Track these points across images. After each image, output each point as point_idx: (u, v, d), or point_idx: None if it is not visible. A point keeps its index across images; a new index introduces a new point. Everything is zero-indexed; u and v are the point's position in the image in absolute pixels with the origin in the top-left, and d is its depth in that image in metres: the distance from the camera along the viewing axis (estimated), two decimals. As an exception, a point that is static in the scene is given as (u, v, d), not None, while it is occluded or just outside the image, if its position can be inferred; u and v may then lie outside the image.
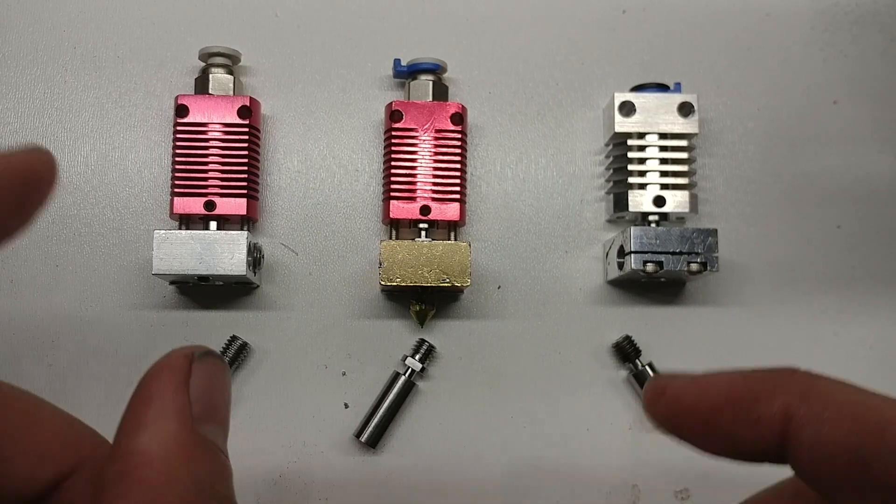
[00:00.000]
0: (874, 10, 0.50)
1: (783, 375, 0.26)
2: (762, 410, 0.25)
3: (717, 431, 0.27)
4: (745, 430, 0.26)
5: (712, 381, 0.27)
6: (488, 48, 0.48)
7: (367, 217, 0.46)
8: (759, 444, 0.26)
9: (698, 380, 0.27)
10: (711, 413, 0.26)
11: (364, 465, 0.44)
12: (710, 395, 0.27)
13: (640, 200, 0.44)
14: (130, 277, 0.44)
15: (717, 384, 0.27)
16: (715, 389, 0.26)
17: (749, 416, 0.26)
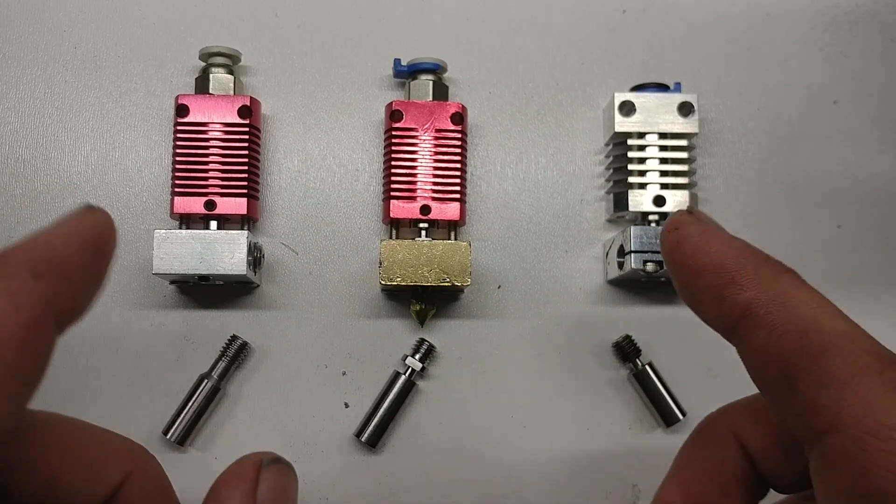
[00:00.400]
0: (874, 10, 0.50)
1: (769, 272, 0.27)
2: (730, 294, 0.27)
3: (691, 288, 0.28)
4: (711, 302, 0.27)
5: (714, 243, 0.28)
6: (488, 48, 0.48)
7: (367, 217, 0.46)
8: (716, 319, 0.27)
9: (706, 234, 0.29)
10: (695, 271, 0.28)
11: (364, 465, 0.44)
12: (703, 255, 0.28)
13: (640, 200, 0.44)
14: (130, 277, 0.44)
15: (715, 248, 0.28)
16: (710, 252, 0.28)
17: (719, 293, 0.27)
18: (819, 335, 0.25)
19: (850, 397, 0.23)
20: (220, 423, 0.44)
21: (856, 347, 0.24)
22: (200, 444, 0.43)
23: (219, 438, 0.44)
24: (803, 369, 0.24)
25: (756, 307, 0.26)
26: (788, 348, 0.25)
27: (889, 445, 0.22)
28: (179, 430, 0.42)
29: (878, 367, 0.23)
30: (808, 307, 0.26)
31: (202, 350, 0.44)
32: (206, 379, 0.43)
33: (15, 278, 0.24)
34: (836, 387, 0.23)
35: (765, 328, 0.26)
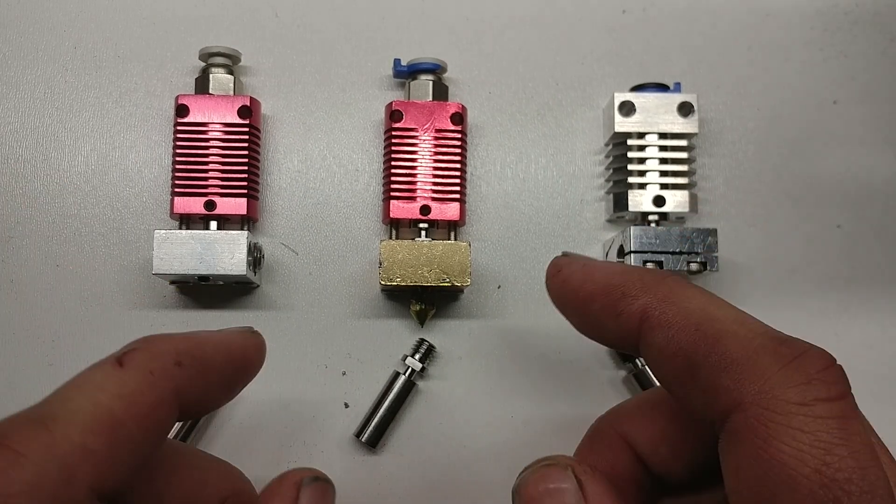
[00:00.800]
0: (874, 10, 0.50)
1: (653, 278, 0.28)
2: (625, 307, 0.28)
3: (588, 317, 0.30)
4: (610, 320, 0.29)
5: (597, 271, 0.29)
6: (488, 48, 0.48)
7: (367, 217, 0.46)
8: (619, 335, 0.28)
9: (587, 266, 0.30)
10: (587, 299, 0.29)
11: (364, 465, 0.44)
12: (590, 283, 0.29)
13: (639, 200, 0.44)
14: (130, 277, 0.44)
15: (599, 274, 0.29)
16: (596, 278, 0.29)
17: (614, 309, 0.28)
18: (712, 324, 0.26)
19: (749, 376, 0.24)
20: (221, 424, 0.44)
21: (748, 331, 0.25)
22: (200, 444, 0.43)
23: (219, 438, 0.44)
24: (703, 357, 0.25)
25: (650, 310, 0.27)
26: (686, 341, 0.26)
27: (788, 419, 0.23)
28: (180, 430, 0.42)
29: (771, 346, 0.24)
30: (697, 301, 0.27)
31: (202, 350, 0.44)
32: (206, 379, 0.43)
33: (159, 360, 0.26)
34: (734, 368, 0.24)
35: (662, 327, 0.27)
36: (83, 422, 0.24)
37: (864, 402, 0.30)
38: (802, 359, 0.24)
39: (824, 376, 0.23)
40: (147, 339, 0.28)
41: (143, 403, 0.25)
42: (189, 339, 0.28)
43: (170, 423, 0.27)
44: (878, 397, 0.46)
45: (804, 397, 0.23)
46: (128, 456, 0.25)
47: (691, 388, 0.26)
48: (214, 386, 0.30)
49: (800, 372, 0.23)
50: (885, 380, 0.46)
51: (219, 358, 0.29)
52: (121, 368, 0.25)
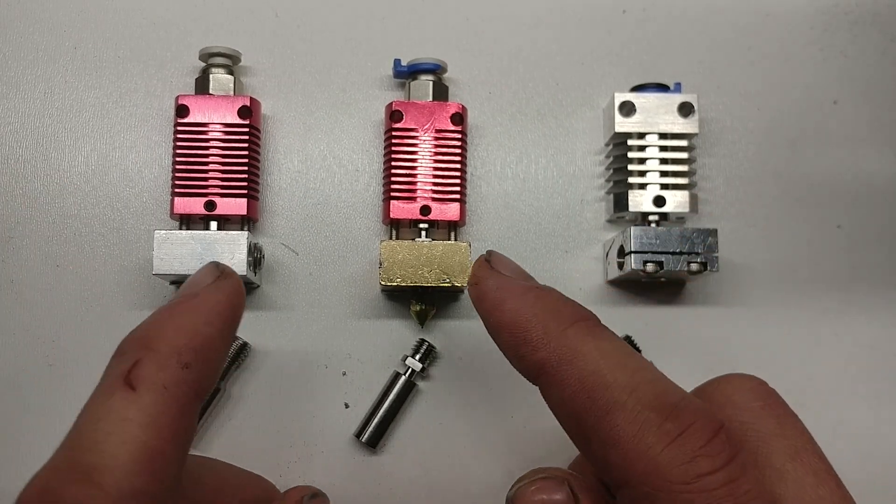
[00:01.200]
0: (874, 10, 0.50)
1: (557, 328, 0.28)
2: (526, 353, 0.28)
3: (496, 341, 0.30)
4: (512, 358, 0.29)
5: (508, 300, 0.30)
6: (488, 48, 0.48)
7: (367, 217, 0.46)
8: (521, 372, 0.29)
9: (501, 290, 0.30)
10: (496, 328, 0.30)
11: (364, 465, 0.44)
12: (499, 313, 0.30)
13: (640, 200, 0.44)
14: (130, 277, 0.44)
15: (509, 305, 0.29)
16: (505, 309, 0.29)
17: (516, 351, 0.29)
18: (603, 392, 0.26)
19: (635, 456, 0.24)
20: (221, 423, 0.44)
21: (636, 402, 0.25)
22: (200, 444, 0.43)
23: (219, 438, 0.44)
24: (592, 428, 0.26)
25: (547, 366, 0.27)
26: (579, 407, 0.26)
27: (673, 498, 0.23)
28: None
29: (657, 421, 0.24)
30: (592, 362, 0.27)
31: (202, 350, 0.44)
32: (206, 379, 0.43)
33: (167, 369, 0.26)
34: (621, 446, 0.25)
35: (557, 387, 0.27)
36: (125, 465, 0.24)
37: (865, 401, 0.31)
38: (687, 435, 0.24)
39: (708, 450, 0.24)
40: (143, 342, 0.27)
41: (170, 423, 0.26)
42: (181, 329, 0.28)
43: (195, 421, 0.28)
44: (879, 397, 0.46)
45: (687, 476, 0.23)
46: (172, 476, 0.26)
47: (586, 453, 0.27)
48: (219, 361, 0.29)
49: (683, 451, 0.24)
50: (886, 380, 0.46)
51: (216, 334, 0.29)
52: (134, 392, 0.25)
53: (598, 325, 0.29)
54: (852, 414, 0.46)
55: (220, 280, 0.30)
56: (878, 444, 0.46)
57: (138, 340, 0.27)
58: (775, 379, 0.45)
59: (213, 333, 0.28)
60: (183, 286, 0.30)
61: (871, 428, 0.46)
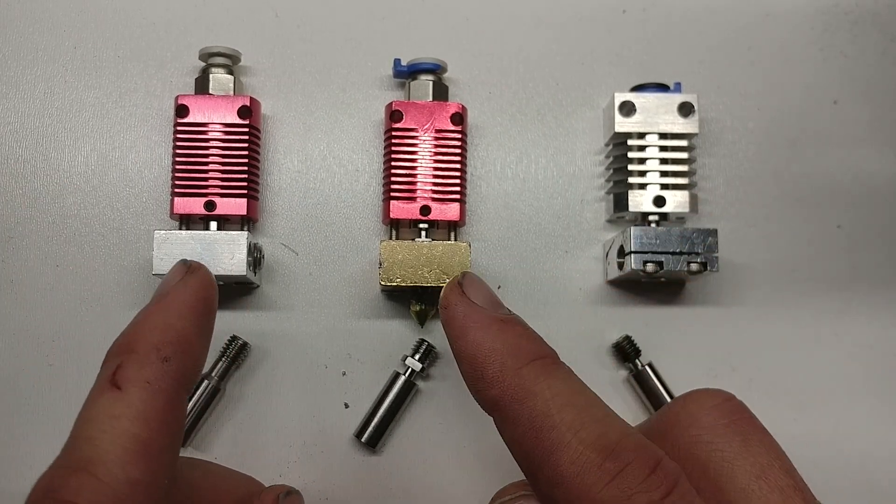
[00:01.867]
0: (874, 10, 0.50)
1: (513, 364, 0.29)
2: (481, 388, 0.29)
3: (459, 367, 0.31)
4: (470, 388, 0.30)
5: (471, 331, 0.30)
6: (488, 48, 0.48)
7: (367, 217, 0.46)
8: (477, 402, 0.30)
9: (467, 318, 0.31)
10: (458, 355, 0.31)
11: (364, 465, 0.44)
12: (461, 342, 0.31)
13: (640, 200, 0.44)
14: (130, 277, 0.44)
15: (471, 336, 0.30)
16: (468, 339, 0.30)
17: (473, 384, 0.30)
18: (550, 432, 0.27)
19: (577, 495, 0.25)
20: (220, 423, 0.44)
21: (579, 442, 0.26)
22: (200, 445, 0.43)
23: (219, 438, 0.44)
24: (538, 467, 0.27)
25: (501, 404, 0.28)
26: (528, 446, 0.27)
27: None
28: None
29: (598, 461, 0.25)
30: (542, 402, 0.27)
31: (202, 350, 0.44)
32: (206, 379, 0.43)
33: (148, 366, 0.28)
34: (564, 485, 0.26)
35: (509, 424, 0.28)
36: (118, 456, 0.25)
37: (865, 401, 0.31)
38: (625, 473, 0.25)
39: (646, 486, 0.25)
40: (123, 347, 0.29)
41: (158, 414, 0.27)
42: (156, 325, 0.29)
43: (184, 410, 0.29)
44: (879, 397, 0.46)
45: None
46: (166, 465, 0.27)
47: (535, 489, 0.28)
48: (199, 350, 0.31)
49: (621, 489, 0.25)
50: (886, 380, 0.46)
51: (190, 325, 0.30)
52: (120, 391, 0.27)
53: (554, 363, 0.29)
54: (852, 414, 0.46)
55: (188, 276, 0.32)
56: (878, 444, 0.46)
57: (119, 346, 0.29)
58: (775, 379, 0.46)
59: (186, 326, 0.30)
60: (156, 290, 0.32)
61: (871, 428, 0.46)
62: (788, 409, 0.32)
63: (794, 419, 0.45)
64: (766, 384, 0.46)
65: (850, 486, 0.45)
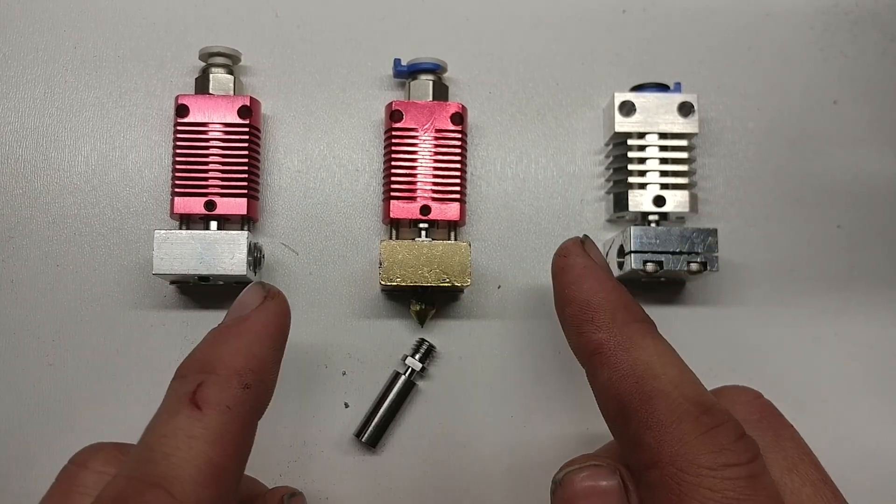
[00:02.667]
0: (874, 10, 0.50)
1: (623, 319, 0.31)
2: (587, 331, 0.31)
3: (561, 313, 0.33)
4: (571, 331, 0.32)
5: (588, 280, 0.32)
6: (488, 48, 0.48)
7: (367, 217, 0.46)
8: (574, 347, 0.32)
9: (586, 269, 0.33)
10: (568, 300, 0.32)
11: (364, 465, 0.44)
12: (575, 288, 0.32)
13: (640, 200, 0.44)
14: (130, 277, 0.44)
15: (587, 285, 0.32)
16: (582, 288, 0.32)
17: (579, 326, 0.31)
18: (651, 380, 0.28)
19: (669, 438, 0.27)
20: (221, 423, 0.44)
21: (679, 394, 0.28)
22: (200, 444, 0.43)
23: (219, 438, 0.44)
24: (634, 410, 0.28)
25: (605, 347, 0.30)
26: (625, 389, 0.28)
27: (699, 480, 0.26)
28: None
29: (695, 412, 0.27)
30: (647, 353, 0.29)
31: (202, 350, 0.44)
32: (206, 379, 0.43)
33: (229, 390, 0.28)
34: (658, 428, 0.27)
35: (609, 367, 0.29)
36: (193, 477, 0.26)
37: (865, 401, 0.31)
38: (719, 430, 0.27)
39: (735, 447, 0.26)
40: (203, 365, 0.29)
41: (234, 441, 0.28)
42: (239, 352, 0.30)
43: (253, 439, 0.30)
44: (879, 397, 0.46)
45: (714, 462, 0.26)
46: (233, 490, 0.28)
47: (620, 433, 0.29)
48: (274, 377, 0.32)
49: (714, 441, 0.26)
50: (886, 380, 0.46)
51: (269, 353, 0.31)
52: (200, 412, 0.27)
53: (656, 330, 0.31)
54: (852, 414, 0.46)
55: (268, 301, 0.32)
56: (878, 444, 0.46)
57: (198, 363, 0.30)
58: (775, 379, 0.46)
59: (266, 354, 0.31)
60: (232, 308, 0.32)
61: (871, 428, 0.46)
62: (788, 409, 0.32)
63: (794, 419, 0.45)
64: (765, 384, 0.45)
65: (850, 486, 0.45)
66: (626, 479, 0.29)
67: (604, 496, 0.29)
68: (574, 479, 0.29)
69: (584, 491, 0.29)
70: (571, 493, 0.29)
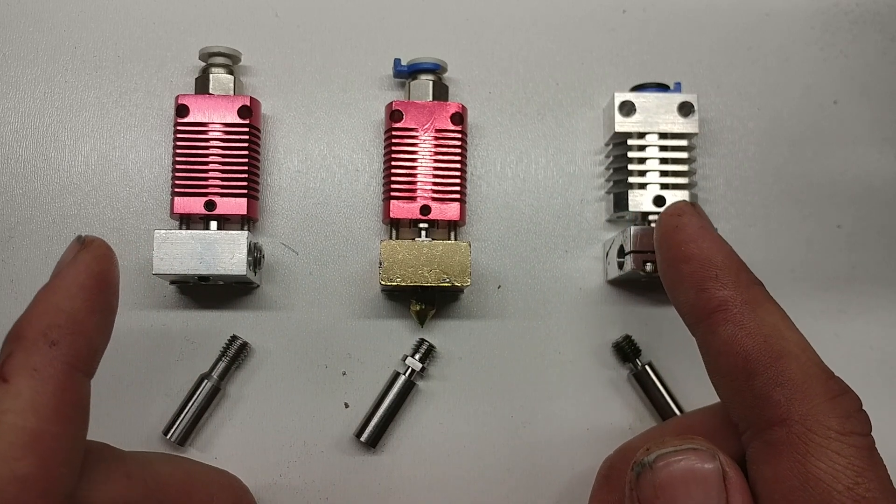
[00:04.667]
0: (874, 10, 0.50)
1: (747, 279, 0.31)
2: (710, 286, 0.30)
3: (676, 270, 0.32)
4: (691, 287, 0.31)
5: (707, 240, 0.32)
6: (488, 48, 0.48)
7: (367, 217, 0.46)
8: (691, 304, 0.31)
9: (703, 230, 0.32)
10: (684, 257, 0.31)
11: (364, 465, 0.44)
12: (695, 246, 0.32)
13: (640, 200, 0.44)
14: (130, 277, 0.44)
15: (707, 244, 0.32)
16: (702, 246, 0.31)
17: (701, 283, 0.31)
18: (779, 341, 0.29)
19: (800, 397, 0.27)
20: (220, 423, 0.44)
21: (807, 358, 0.29)
22: (200, 445, 0.43)
23: (219, 438, 0.44)
24: (763, 367, 0.28)
25: (731, 304, 0.30)
26: (751, 346, 0.29)
27: (828, 442, 0.26)
28: (179, 430, 0.42)
29: (824, 377, 0.29)
30: (773, 316, 0.30)
31: (202, 350, 0.44)
32: (206, 379, 0.43)
33: (34, 352, 0.27)
34: (789, 386, 0.28)
35: (734, 324, 0.29)
36: (4, 452, 0.25)
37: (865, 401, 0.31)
38: (845, 397, 0.28)
39: (859, 416, 0.28)
40: (14, 335, 0.28)
41: (48, 401, 0.26)
42: (44, 309, 0.28)
43: (81, 393, 0.28)
44: (879, 397, 0.46)
45: (844, 427, 0.27)
46: (64, 454, 0.26)
47: (741, 390, 0.29)
48: (94, 329, 0.29)
49: (843, 406, 0.27)
50: (886, 379, 0.46)
51: (80, 304, 0.29)
52: (7, 384, 0.26)
53: (771, 296, 0.31)
54: (852, 414, 0.46)
55: (80, 252, 0.30)
56: (878, 444, 0.45)
57: (10, 335, 0.28)
58: (775, 379, 0.46)
59: (77, 306, 0.28)
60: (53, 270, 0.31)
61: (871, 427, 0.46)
62: (788, 409, 0.32)
63: (794, 419, 0.45)
64: (766, 384, 0.46)
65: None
66: (724, 464, 0.27)
67: (704, 484, 0.26)
68: (670, 462, 0.27)
69: (682, 476, 0.27)
70: (667, 479, 0.26)
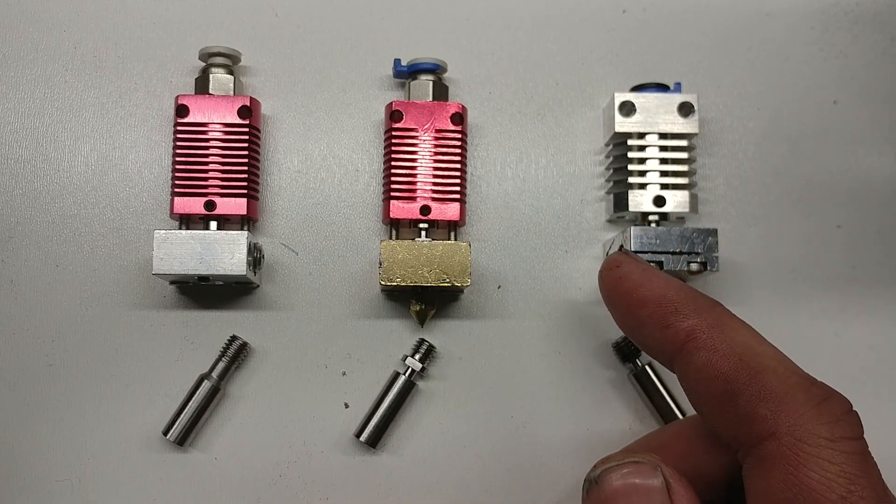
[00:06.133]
0: (874, 10, 0.50)
1: (706, 304, 0.31)
2: (674, 321, 0.30)
3: (634, 318, 0.32)
4: (655, 328, 0.31)
5: (655, 279, 0.32)
6: (488, 48, 0.48)
7: (367, 217, 0.46)
8: (660, 343, 0.31)
9: (647, 272, 0.33)
10: (638, 303, 0.32)
11: (364, 465, 0.44)
12: (646, 289, 0.32)
13: (640, 200, 0.44)
14: (130, 277, 0.44)
15: (656, 283, 0.32)
16: (653, 286, 0.32)
17: (663, 321, 0.31)
18: (754, 357, 0.29)
19: (785, 409, 0.27)
20: (220, 423, 0.44)
21: (785, 369, 0.28)
22: (200, 445, 0.43)
23: (219, 438, 0.44)
24: (743, 385, 0.28)
25: (699, 331, 0.30)
26: (728, 367, 0.28)
27: (818, 451, 0.26)
28: (179, 430, 0.42)
29: (804, 385, 0.28)
30: (741, 333, 0.30)
31: (202, 350, 0.44)
32: (206, 379, 0.43)
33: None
34: (772, 400, 0.27)
35: (707, 350, 0.29)
36: None
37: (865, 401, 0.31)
38: (831, 401, 0.27)
39: (848, 419, 0.27)
40: None
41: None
42: None
43: None
44: (879, 397, 0.46)
45: (833, 434, 0.26)
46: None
47: (725, 412, 0.29)
48: None
49: (829, 412, 0.27)
50: (886, 380, 0.46)
51: None
52: None
53: (733, 313, 0.31)
54: (852, 414, 0.46)
55: None
56: (878, 445, 0.45)
57: None
58: (775, 379, 0.46)
59: None
60: None
61: (871, 427, 0.46)
62: (788, 409, 0.32)
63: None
64: (766, 384, 0.46)
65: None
66: (668, 476, 0.28)
67: (646, 496, 0.28)
68: (612, 477, 0.28)
69: (625, 489, 0.28)
70: (609, 493, 0.28)
